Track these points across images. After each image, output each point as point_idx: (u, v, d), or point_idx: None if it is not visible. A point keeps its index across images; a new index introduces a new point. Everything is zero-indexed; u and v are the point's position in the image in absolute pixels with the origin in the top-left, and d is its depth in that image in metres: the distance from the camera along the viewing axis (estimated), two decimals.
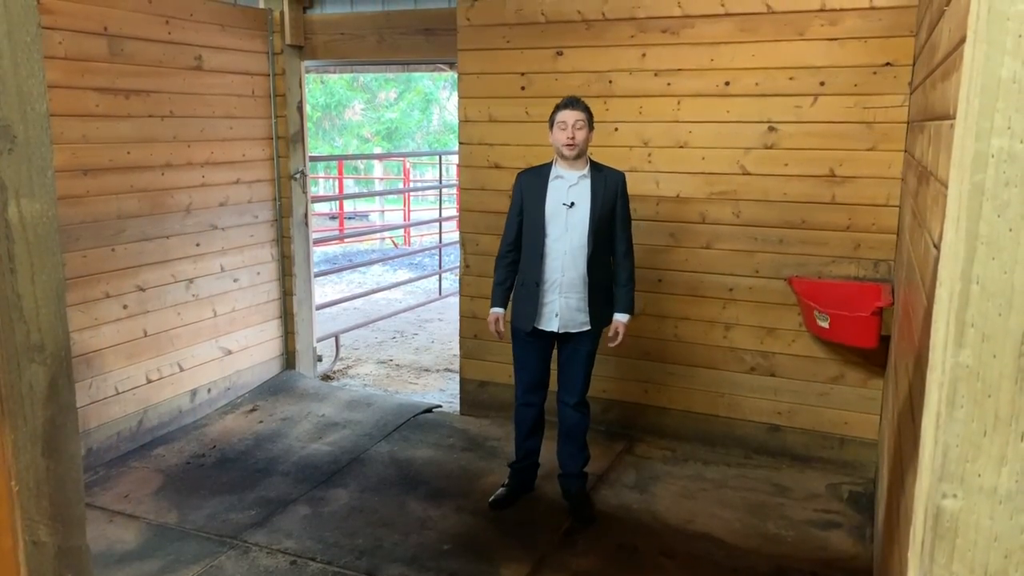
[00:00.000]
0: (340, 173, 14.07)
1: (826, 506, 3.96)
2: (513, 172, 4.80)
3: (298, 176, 5.58)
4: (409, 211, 14.02)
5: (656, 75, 4.39)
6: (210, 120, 4.92)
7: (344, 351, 6.74)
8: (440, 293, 8.00)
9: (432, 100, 18.19)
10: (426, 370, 6.42)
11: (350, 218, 14.77)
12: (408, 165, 13.93)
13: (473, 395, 5.19)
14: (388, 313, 7.79)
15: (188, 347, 4.91)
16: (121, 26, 4.28)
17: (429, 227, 13.64)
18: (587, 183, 3.66)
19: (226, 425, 4.93)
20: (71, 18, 4.01)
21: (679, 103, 4.36)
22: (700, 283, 4.47)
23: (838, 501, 4.00)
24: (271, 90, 5.39)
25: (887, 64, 3.91)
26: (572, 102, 3.63)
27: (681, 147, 4.39)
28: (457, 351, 6.89)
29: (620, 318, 3.76)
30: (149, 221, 4.56)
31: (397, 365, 6.54)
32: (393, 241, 13.03)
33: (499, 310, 3.93)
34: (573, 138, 3.61)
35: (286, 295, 5.68)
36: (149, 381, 4.65)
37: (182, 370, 4.88)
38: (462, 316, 5.18)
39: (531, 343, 3.83)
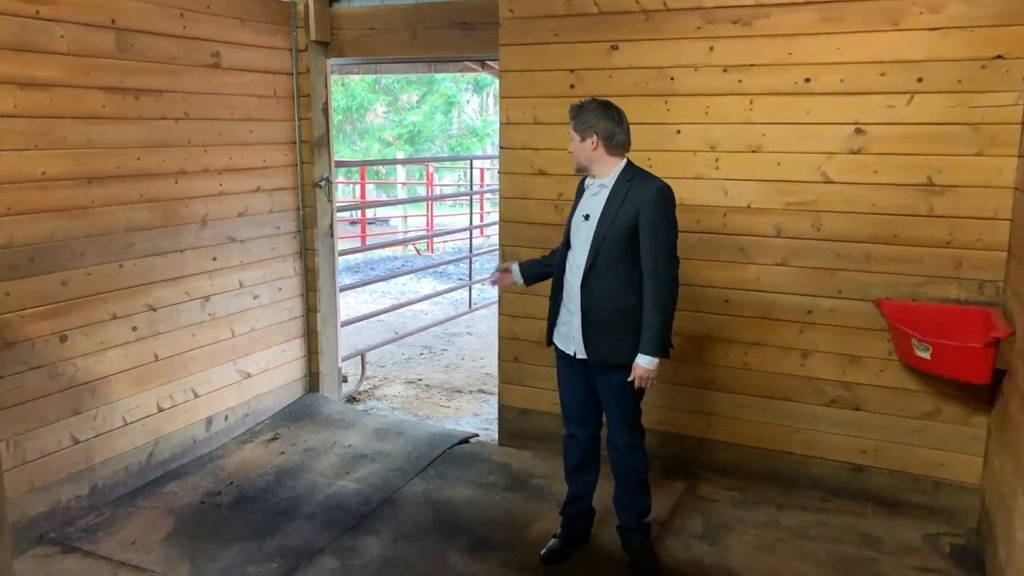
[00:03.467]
0: (363, 178, 13.65)
1: (927, 562, 3.46)
2: (560, 179, 4.36)
3: (323, 184, 5.15)
4: (432, 217, 13.60)
5: (725, 71, 3.91)
6: (228, 123, 4.50)
7: (370, 369, 6.31)
8: (470, 306, 7.54)
9: (454, 103, 17.77)
10: (458, 391, 5.96)
11: (371, 223, 14.38)
12: (431, 169, 13.50)
13: (513, 424, 4.73)
14: (416, 328, 7.34)
15: (203, 371, 4.48)
16: (131, 19, 3.86)
17: (454, 233, 13.21)
18: (605, 194, 3.22)
19: (244, 457, 4.50)
20: (75, 9, 3.60)
21: (751, 103, 3.88)
22: (774, 304, 3.99)
23: (940, 556, 3.50)
24: (294, 90, 4.96)
25: (998, 57, 3.41)
26: (570, 112, 3.31)
27: (753, 152, 3.91)
28: (490, 369, 6.46)
29: (638, 360, 3.14)
30: (161, 234, 4.14)
31: (427, 385, 6.09)
32: (416, 248, 12.60)
33: (515, 265, 3.71)
34: (571, 150, 3.30)
35: (309, 312, 5.24)
36: (160, 410, 4.22)
37: (196, 396, 4.45)
38: (501, 336, 4.72)
39: (568, 364, 3.41)
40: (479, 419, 5.36)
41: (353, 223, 13.73)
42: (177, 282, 4.26)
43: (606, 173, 3.23)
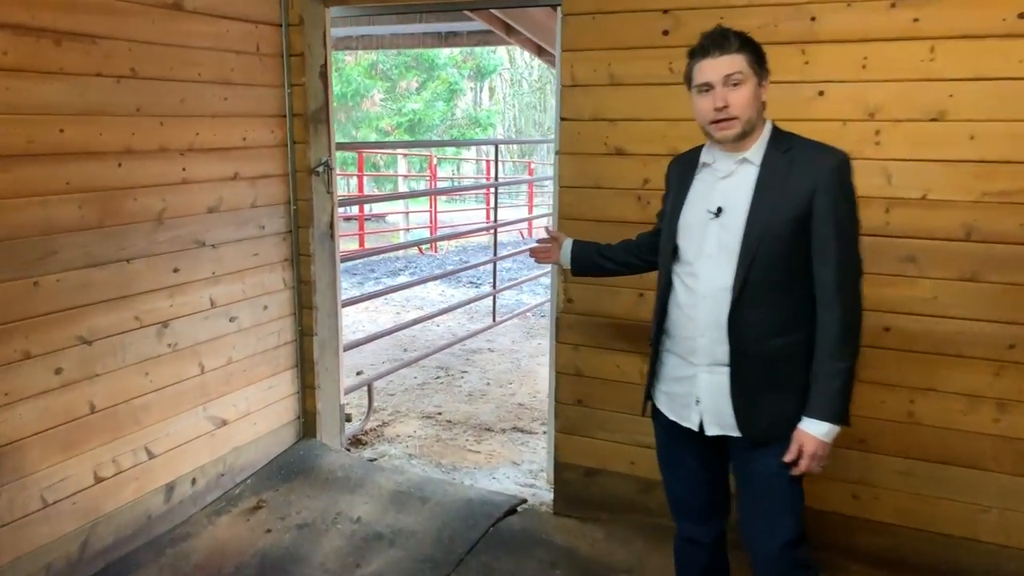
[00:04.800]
0: (360, 169, 12.43)
1: None
2: (646, 162, 3.21)
3: (321, 170, 3.97)
4: (436, 212, 12.43)
5: (893, 6, 2.76)
6: (194, 86, 3.33)
7: (377, 398, 5.15)
8: (494, 319, 6.39)
9: (457, 90, 16.57)
10: (487, 429, 4.80)
11: (366, 219, 13.18)
12: (435, 161, 12.35)
13: (575, 488, 3.58)
14: (429, 348, 6.17)
15: (161, 422, 3.31)
16: None
17: (473, 233, 12.06)
18: (751, 173, 2.07)
19: (218, 536, 3.33)
20: None
21: (933, 50, 2.74)
22: (957, 336, 2.85)
23: None
24: (284, 47, 3.78)
25: None
26: (715, 41, 2.03)
27: (934, 120, 2.77)
28: (522, 399, 5.31)
29: (807, 428, 2.04)
30: (98, 237, 2.97)
31: (448, 421, 4.93)
32: (420, 248, 11.44)
33: (568, 241, 2.72)
34: (726, 106, 2.01)
35: (303, 336, 4.07)
36: (99, 480, 3.06)
37: (152, 457, 3.28)
38: (560, 372, 3.57)
39: (679, 440, 2.28)
40: (520, 471, 4.21)
41: (348, 220, 12.55)
42: (122, 304, 3.09)
43: (753, 143, 2.08)
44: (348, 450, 4.37)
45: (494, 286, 6.37)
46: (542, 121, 37.06)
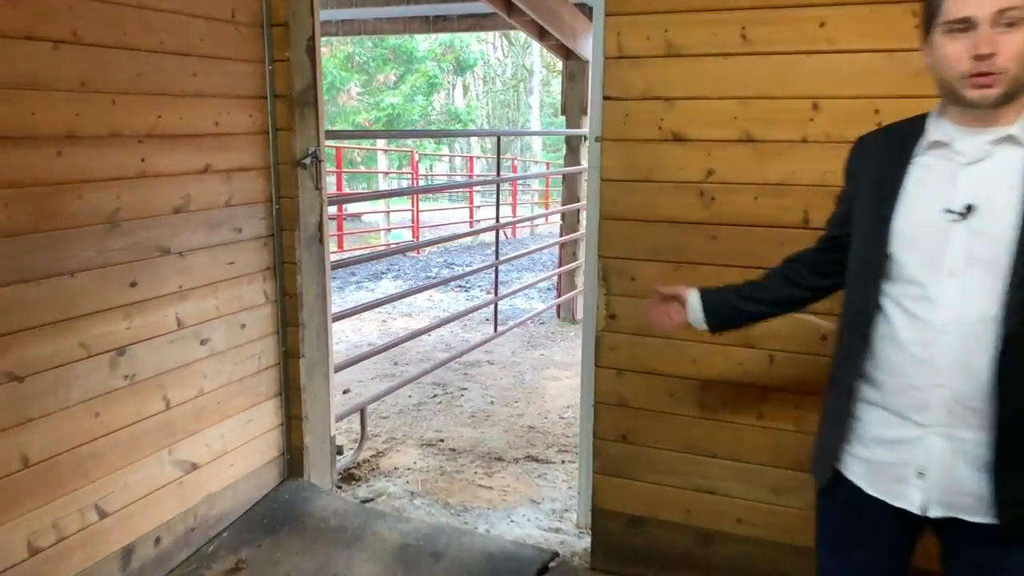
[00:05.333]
0: (339, 165, 11.73)
1: None
2: (709, 148, 2.65)
3: (309, 162, 3.36)
4: (418, 211, 11.79)
5: None
6: (154, 57, 2.70)
7: (369, 422, 4.54)
8: (496, 329, 5.79)
9: (436, 84, 15.91)
10: (498, 459, 4.22)
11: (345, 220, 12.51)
12: (416, 158, 11.71)
13: (617, 539, 3.01)
14: (428, 364, 5.56)
15: (116, 472, 2.68)
16: None
17: (443, 233, 11.46)
18: (1016, 157, 1.48)
19: None
20: None
21: None
22: None
23: None
24: (264, 15, 3.17)
25: None
26: None
27: None
28: (532, 420, 4.73)
29: None
30: (31, 245, 2.34)
31: (452, 449, 4.33)
32: (416, 250, 10.81)
33: (693, 294, 2.00)
34: (992, 53, 1.42)
35: (288, 358, 3.46)
36: (36, 551, 2.42)
37: (104, 516, 2.65)
38: (599, 402, 2.99)
39: (870, 517, 1.68)
40: (541, 511, 3.62)
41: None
42: (64, 328, 2.46)
43: (1014, 112, 1.48)
44: (340, 488, 3.76)
45: (495, 292, 5.76)
46: (515, 119, 36.49)
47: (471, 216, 13.59)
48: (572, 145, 6.58)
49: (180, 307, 2.89)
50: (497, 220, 5.42)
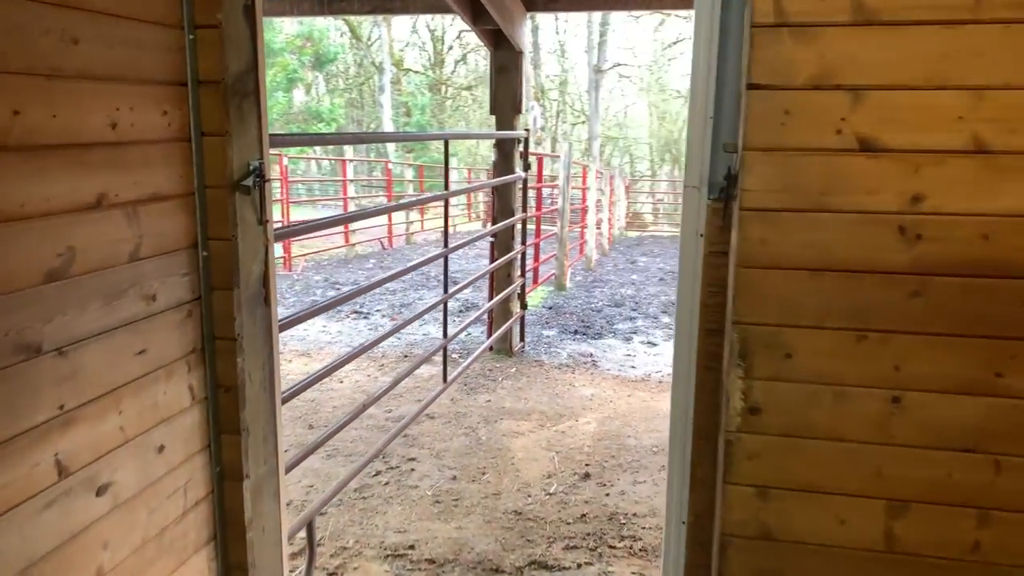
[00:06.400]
0: (284, 182, 9.96)
1: None
2: (917, 164, 1.76)
3: (252, 183, 2.19)
4: (348, 230, 10.37)
5: None
6: (4, 9, 1.48)
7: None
8: (445, 379, 4.69)
9: (296, 79, 14.34)
10: (496, 570, 3.18)
11: None
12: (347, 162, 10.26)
13: None
14: (372, 452, 4.41)
15: None
16: None
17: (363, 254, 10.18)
18: None
19: None
20: None
21: None
22: None
23: None
24: None
25: None
26: None
27: None
28: (513, 503, 3.68)
29: None
30: None
31: (430, 561, 3.24)
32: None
33: None
34: None
35: (225, 480, 2.27)
36: None
37: None
38: (730, 535, 2.04)
39: None
40: None
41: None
42: None
43: None
44: None
45: (445, 334, 4.56)
46: (360, 119, 34.90)
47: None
48: (504, 149, 5.60)
49: (61, 443, 1.67)
50: (446, 244, 4.31)
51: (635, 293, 9.16)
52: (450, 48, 34.58)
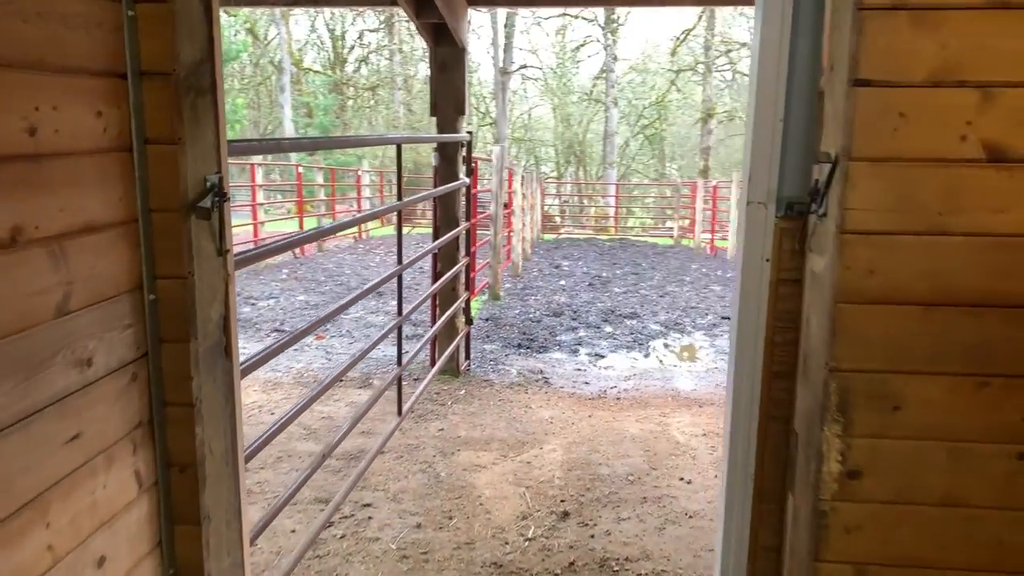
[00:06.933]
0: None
1: None
2: None
3: (210, 203, 1.70)
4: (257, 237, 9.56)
5: None
6: None
7: None
8: (400, 412, 4.19)
9: None
10: None
11: None
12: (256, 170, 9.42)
13: None
14: (330, 508, 3.90)
15: None
16: None
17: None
18: None
19: None
20: None
21: None
22: None
23: None
24: None
25: None
26: None
27: None
28: (489, 550, 3.27)
29: None
30: None
31: None
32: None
33: None
34: None
35: None
36: None
37: None
38: None
39: None
40: None
41: None
42: None
43: None
44: None
45: (399, 361, 4.01)
46: (257, 120, 33.51)
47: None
48: (446, 153, 5.16)
49: None
50: (400, 260, 3.81)
51: (570, 300, 8.85)
52: (351, 48, 33.68)
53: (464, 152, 5.27)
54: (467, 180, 5.25)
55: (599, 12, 26.53)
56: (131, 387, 1.59)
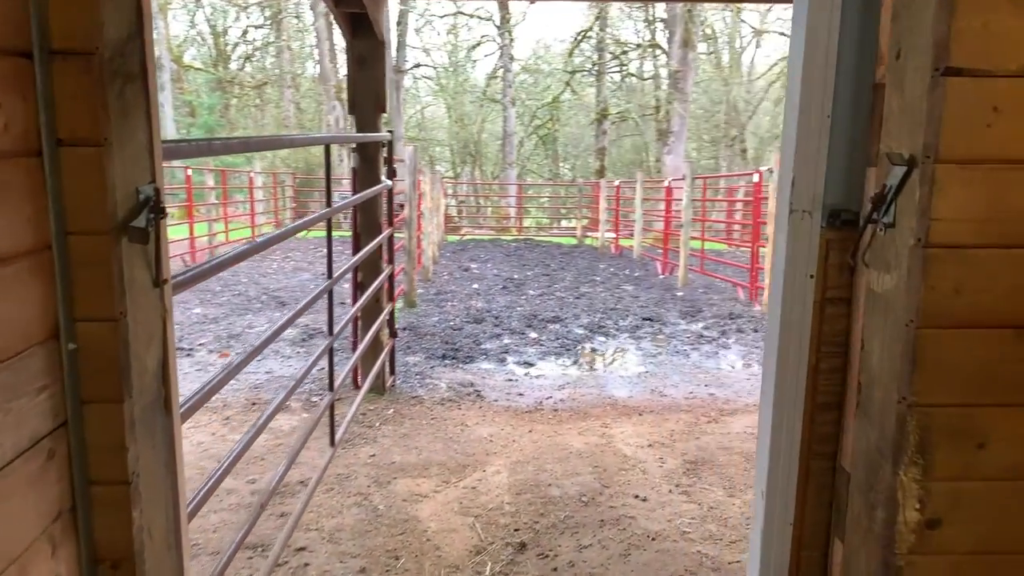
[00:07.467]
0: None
1: None
2: None
3: (144, 221, 1.32)
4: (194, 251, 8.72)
5: None
6: None
7: None
8: (332, 442, 3.75)
9: None
10: None
11: None
12: (189, 172, 8.50)
13: None
14: (271, 559, 3.44)
15: None
16: None
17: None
18: None
19: None
20: None
21: None
22: None
23: None
24: None
25: None
26: None
27: None
28: None
29: None
30: None
31: None
32: None
33: None
34: None
35: None
36: None
37: None
38: None
39: None
40: None
41: None
42: None
43: None
44: None
45: (331, 386, 3.57)
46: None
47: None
48: (367, 154, 4.77)
49: None
50: (330, 274, 3.39)
51: (488, 305, 8.57)
52: (235, 45, 32.29)
53: (385, 152, 4.89)
54: (389, 183, 4.88)
55: (494, 11, 26.36)
56: (47, 469, 1.19)
